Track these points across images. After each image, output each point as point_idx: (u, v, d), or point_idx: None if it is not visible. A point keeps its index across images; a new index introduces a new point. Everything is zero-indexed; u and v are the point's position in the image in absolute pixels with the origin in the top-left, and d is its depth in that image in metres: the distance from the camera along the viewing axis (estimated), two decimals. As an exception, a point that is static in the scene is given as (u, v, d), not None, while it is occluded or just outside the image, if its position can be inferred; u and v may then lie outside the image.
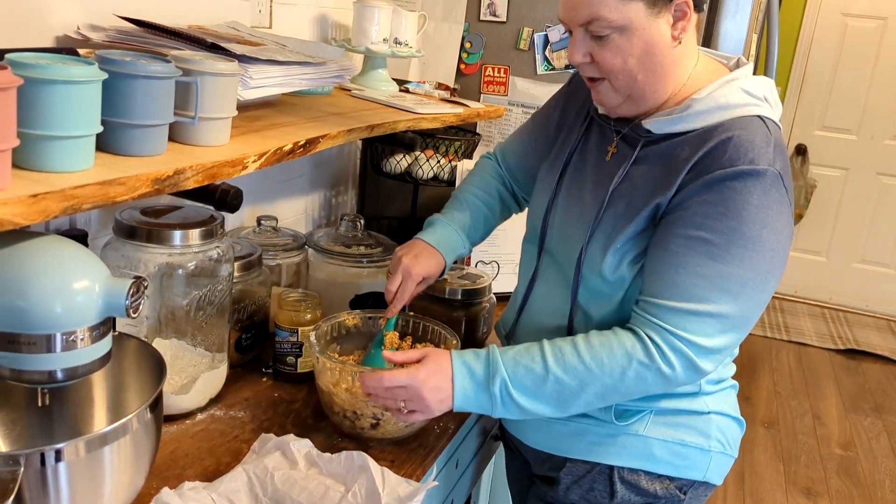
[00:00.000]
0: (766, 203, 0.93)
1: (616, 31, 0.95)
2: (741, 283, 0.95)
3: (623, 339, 0.99)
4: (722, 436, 1.11)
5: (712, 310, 0.95)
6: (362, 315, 1.32)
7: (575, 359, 0.98)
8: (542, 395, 0.99)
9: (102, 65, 0.81)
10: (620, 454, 1.09)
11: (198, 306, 1.13)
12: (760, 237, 0.93)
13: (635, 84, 0.99)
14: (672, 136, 1.01)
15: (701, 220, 0.94)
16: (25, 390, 0.88)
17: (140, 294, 0.80)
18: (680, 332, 0.96)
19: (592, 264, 1.05)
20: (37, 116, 0.72)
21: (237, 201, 1.04)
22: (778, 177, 0.94)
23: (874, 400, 3.52)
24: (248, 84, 1.07)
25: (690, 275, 0.95)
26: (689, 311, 0.96)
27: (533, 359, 1.00)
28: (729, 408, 1.14)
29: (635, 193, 1.02)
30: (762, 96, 1.00)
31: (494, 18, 1.89)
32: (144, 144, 0.86)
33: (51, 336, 0.76)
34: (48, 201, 0.69)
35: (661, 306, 0.97)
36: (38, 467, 0.73)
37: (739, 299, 0.95)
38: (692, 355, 0.96)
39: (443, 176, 1.85)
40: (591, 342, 0.99)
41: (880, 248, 4.45)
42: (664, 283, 0.97)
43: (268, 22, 1.57)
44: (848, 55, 4.29)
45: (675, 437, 1.08)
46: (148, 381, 0.92)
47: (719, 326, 0.96)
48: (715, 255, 0.94)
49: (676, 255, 0.96)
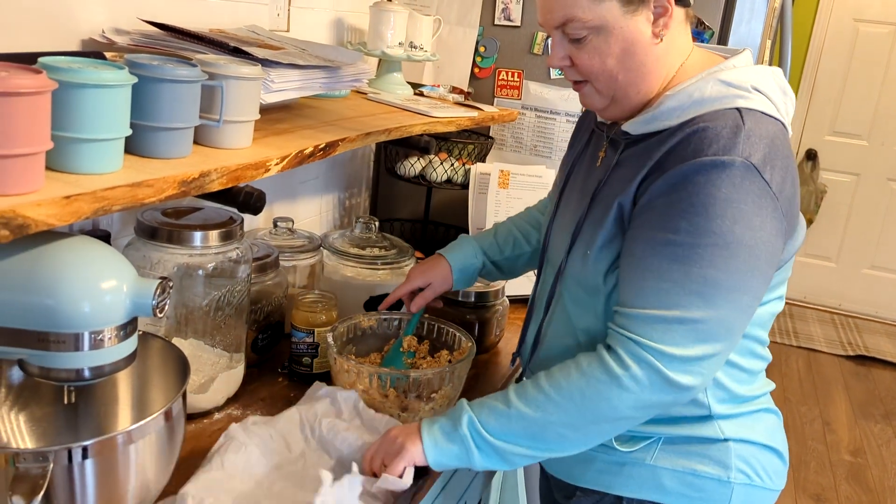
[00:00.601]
0: (737, 196, 0.85)
1: (592, 31, 0.92)
2: (713, 285, 0.87)
3: (581, 359, 0.94)
4: (747, 466, 1.01)
5: (681, 315, 0.87)
6: (378, 317, 1.34)
7: (534, 390, 0.94)
8: (511, 432, 0.94)
9: (131, 69, 0.82)
10: (628, 484, 1.02)
11: (216, 307, 1.14)
12: (732, 233, 0.86)
13: (617, 85, 0.95)
14: (649, 135, 0.96)
15: (665, 221, 0.88)
16: (52, 388, 0.90)
17: (166, 294, 0.81)
18: (645, 340, 0.89)
19: (571, 271, 1.03)
20: (69, 119, 0.74)
21: (260, 203, 1.05)
22: (751, 168, 0.86)
23: (884, 406, 3.51)
24: (270, 87, 1.09)
25: (656, 279, 0.89)
26: (655, 318, 0.88)
27: (496, 398, 0.97)
28: (758, 435, 1.03)
29: (609, 199, 0.97)
30: (748, 86, 0.92)
31: (509, 23, 1.90)
32: (171, 147, 0.87)
33: (79, 335, 0.77)
34: (80, 203, 0.70)
35: (628, 315, 0.91)
36: (65, 464, 0.74)
37: (713, 303, 0.87)
38: (659, 365, 0.88)
39: (456, 179, 1.86)
40: (551, 373, 0.95)
41: (891, 254, 4.43)
42: (630, 290, 0.92)
43: (286, 25, 1.58)
44: (859, 61, 4.28)
45: (687, 466, 1.00)
46: (171, 379, 0.93)
47: (693, 335, 0.88)
48: (681, 257, 0.87)
49: (642, 260, 0.90)
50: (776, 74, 0.97)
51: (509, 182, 1.81)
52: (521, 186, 1.82)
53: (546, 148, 1.94)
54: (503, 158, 1.99)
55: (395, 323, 1.35)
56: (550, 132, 1.93)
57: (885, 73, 4.24)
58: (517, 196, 1.82)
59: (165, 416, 0.82)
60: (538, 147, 1.95)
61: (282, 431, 1.04)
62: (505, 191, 1.81)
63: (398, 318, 1.35)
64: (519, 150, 1.98)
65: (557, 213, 1.13)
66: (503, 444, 0.94)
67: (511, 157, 1.98)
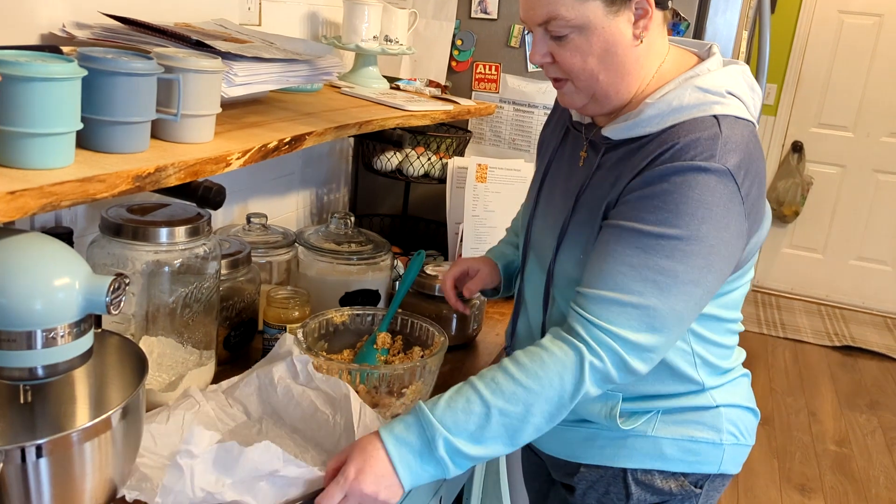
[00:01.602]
0: (710, 199, 0.89)
1: (575, 30, 0.93)
2: (670, 275, 0.90)
3: (550, 346, 0.94)
4: (734, 427, 1.10)
5: (636, 301, 0.90)
6: (350, 312, 1.33)
7: (511, 384, 0.92)
8: (489, 435, 0.91)
9: (83, 62, 0.81)
10: (632, 456, 1.08)
11: (184, 304, 1.13)
12: (698, 231, 0.89)
13: (597, 84, 0.97)
14: (629, 140, 0.99)
15: (636, 213, 0.91)
16: (7, 387, 0.88)
17: (121, 291, 0.80)
18: (604, 323, 0.91)
19: (562, 274, 1.04)
20: (16, 114, 0.72)
21: (220, 198, 1.04)
22: (726, 174, 0.90)
23: (869, 396, 3.52)
24: (233, 81, 1.07)
25: (618, 263, 0.91)
26: (612, 301, 0.91)
27: (468, 400, 0.91)
28: (740, 398, 1.12)
29: (594, 202, 1.00)
30: (723, 91, 0.96)
31: (485, 16, 1.90)
32: (126, 141, 0.86)
33: (31, 333, 0.76)
34: (26, 198, 0.69)
35: (587, 295, 0.93)
36: (18, 463, 0.74)
37: (667, 293, 0.91)
38: (620, 350, 0.91)
39: (434, 173, 1.85)
40: (520, 361, 0.93)
41: (877, 245, 4.45)
42: (592, 272, 0.94)
43: (257, 19, 1.57)
44: (844, 52, 4.29)
45: (685, 434, 1.07)
46: (130, 377, 0.92)
47: (646, 321, 0.91)
48: (645, 246, 0.90)
49: (607, 245, 0.93)
50: (745, 73, 1.01)
51: (487, 176, 1.80)
52: (499, 180, 1.81)
53: (524, 141, 1.94)
54: (482, 152, 1.98)
55: (369, 319, 1.34)
56: (528, 125, 1.92)
57: (870, 64, 4.24)
58: (495, 190, 1.81)
59: (122, 413, 0.81)
60: (516, 140, 1.95)
61: (239, 398, 1.07)
62: (483, 184, 1.80)
63: (371, 314, 1.34)
64: (497, 144, 1.97)
65: (538, 209, 1.14)
66: (478, 449, 0.91)
67: (489, 151, 1.97)
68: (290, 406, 1.06)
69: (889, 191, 4.37)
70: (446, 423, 0.90)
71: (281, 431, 1.06)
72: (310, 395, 1.08)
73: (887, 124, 4.29)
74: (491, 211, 1.80)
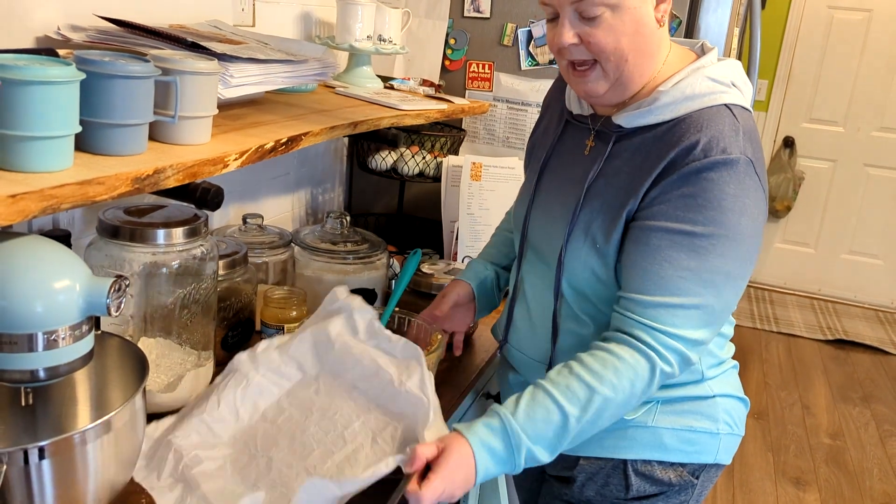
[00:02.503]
0: (742, 192, 0.93)
1: (609, 8, 0.94)
2: (724, 274, 0.95)
3: (620, 352, 0.96)
4: (729, 417, 1.12)
5: (698, 302, 0.95)
6: None
7: (586, 392, 0.94)
8: (564, 441, 0.95)
9: (80, 65, 0.81)
10: (632, 447, 1.09)
11: (182, 305, 1.13)
12: (740, 226, 0.94)
13: (626, 66, 0.98)
14: (643, 129, 1.01)
15: (682, 214, 0.94)
16: (8, 389, 0.89)
17: (121, 292, 0.80)
18: (669, 328, 0.95)
19: (573, 261, 1.05)
20: (14, 117, 0.73)
21: (218, 199, 1.05)
22: (750, 163, 0.94)
23: (863, 389, 3.55)
24: (229, 83, 1.08)
25: (675, 268, 0.95)
26: (675, 306, 0.95)
27: (548, 410, 0.94)
28: (732, 388, 1.15)
29: (609, 191, 1.02)
30: (729, 82, 1.00)
31: (478, 14, 1.90)
32: (124, 144, 0.86)
33: (32, 335, 0.76)
34: (27, 201, 0.69)
35: (647, 303, 0.96)
36: (21, 465, 0.74)
37: (722, 291, 0.96)
38: (684, 350, 0.96)
39: (429, 172, 1.85)
40: (591, 368, 0.95)
41: (868, 238, 4.48)
42: (648, 279, 0.96)
43: (251, 20, 1.57)
44: (834, 47, 4.31)
45: (684, 424, 1.09)
46: (131, 378, 0.92)
47: (704, 318, 0.96)
48: (699, 248, 0.94)
49: (659, 250, 0.95)
50: (740, 67, 1.05)
51: (482, 174, 1.81)
52: (493, 178, 1.82)
53: (518, 139, 1.94)
54: (476, 151, 1.98)
55: None
56: (522, 123, 1.93)
57: (860, 59, 4.27)
58: (490, 188, 1.82)
59: (124, 415, 0.81)
60: (510, 139, 1.95)
61: (294, 355, 1.03)
62: (478, 183, 1.81)
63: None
64: (492, 142, 1.98)
65: (536, 205, 1.14)
66: (550, 456, 0.95)
67: (484, 150, 1.98)
68: (349, 363, 1.01)
69: (880, 185, 4.40)
70: (529, 432, 0.93)
71: (340, 390, 1.01)
72: (371, 352, 1.03)
73: (877, 119, 4.31)
74: (486, 209, 1.81)
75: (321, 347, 1.03)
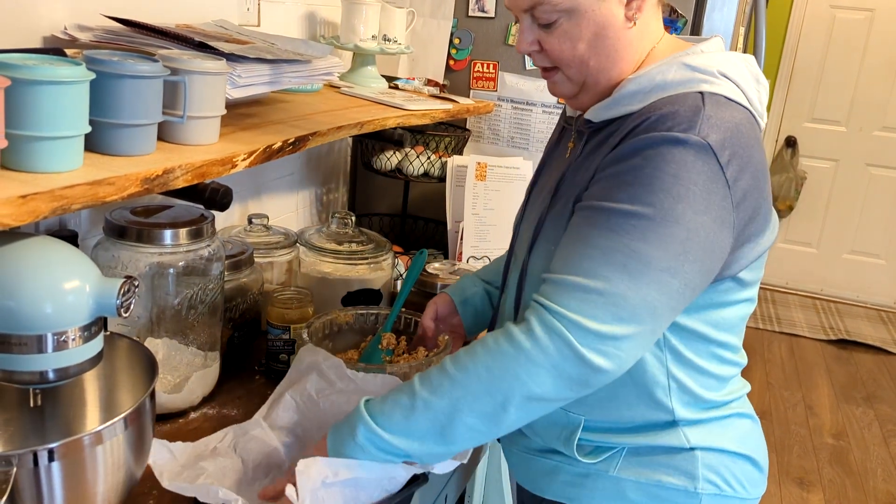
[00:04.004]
0: (686, 175, 0.80)
1: (563, 15, 0.87)
2: (643, 261, 0.80)
3: (487, 336, 0.86)
4: (716, 475, 0.95)
5: (602, 287, 0.81)
6: (354, 312, 1.33)
7: (439, 375, 0.85)
8: (416, 427, 0.84)
9: (90, 65, 0.81)
10: (593, 496, 0.97)
11: (189, 305, 1.13)
12: (672, 211, 0.80)
13: (588, 70, 0.91)
14: (611, 123, 0.92)
15: (607, 192, 0.83)
16: (18, 391, 0.88)
17: (131, 294, 0.80)
18: (559, 308, 0.81)
19: (535, 269, 0.97)
20: (24, 117, 0.72)
21: (227, 200, 1.04)
22: (707, 149, 0.81)
23: (865, 389, 3.55)
24: (237, 83, 1.07)
25: (586, 246, 0.83)
26: (573, 285, 0.82)
27: (400, 391, 0.87)
28: (728, 442, 0.96)
29: (570, 190, 0.93)
30: (713, 71, 0.87)
31: (483, 14, 1.90)
32: (133, 144, 0.86)
33: (42, 336, 0.76)
34: (37, 202, 0.69)
35: (549, 280, 0.85)
36: (31, 467, 0.73)
37: (639, 281, 0.80)
38: (570, 337, 0.80)
39: (433, 172, 1.85)
40: (457, 354, 0.86)
41: (870, 238, 4.47)
42: (558, 257, 0.86)
43: (256, 20, 1.57)
44: (836, 47, 4.31)
45: (651, 477, 0.95)
46: (140, 379, 0.92)
47: (613, 310, 0.80)
48: (615, 226, 0.81)
49: (575, 228, 0.86)
50: (749, 62, 0.93)
51: (486, 174, 1.81)
52: (498, 178, 1.82)
53: (523, 139, 1.94)
54: (480, 150, 1.98)
55: (373, 318, 1.34)
56: (527, 123, 1.93)
57: (862, 58, 4.27)
58: (495, 188, 1.81)
59: (133, 417, 0.81)
60: (515, 139, 1.95)
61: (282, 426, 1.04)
62: (482, 183, 1.81)
63: (375, 313, 1.34)
64: (496, 142, 1.97)
65: (526, 210, 1.10)
66: (408, 444, 0.85)
67: (488, 149, 1.97)
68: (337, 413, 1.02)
69: (882, 184, 4.40)
70: (373, 411, 0.86)
71: None
72: (353, 397, 1.04)
73: (880, 118, 4.31)
74: (491, 209, 1.81)
75: (306, 408, 1.06)
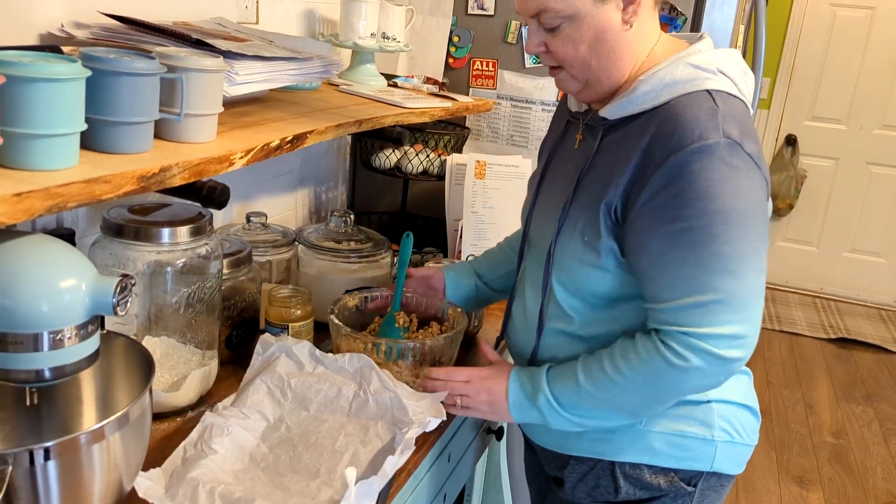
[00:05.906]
0: (731, 174, 0.91)
1: (565, 20, 0.97)
2: (737, 258, 0.92)
3: (639, 346, 0.98)
4: (728, 424, 1.08)
5: (716, 297, 0.93)
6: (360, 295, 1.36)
7: (599, 371, 1.01)
8: (582, 406, 1.02)
9: (86, 62, 0.80)
10: (620, 449, 1.07)
11: (187, 303, 1.12)
12: (736, 208, 0.91)
13: (590, 70, 1.01)
14: (627, 120, 1.00)
15: (675, 212, 0.93)
16: (14, 390, 0.88)
17: (127, 292, 0.80)
18: (692, 329, 0.94)
19: (563, 257, 1.05)
20: (20, 115, 0.72)
21: (224, 198, 1.04)
22: (734, 145, 0.92)
23: (865, 388, 3.54)
24: (235, 80, 1.07)
25: (684, 267, 0.93)
26: (692, 305, 0.93)
27: (567, 373, 1.04)
28: (735, 395, 1.10)
29: (595, 184, 1.01)
30: (714, 69, 0.97)
31: (482, 12, 1.89)
32: (130, 142, 0.86)
33: (38, 335, 0.75)
34: (32, 200, 0.69)
35: (665, 309, 0.96)
36: (27, 466, 0.73)
37: (742, 276, 0.93)
38: (713, 349, 0.94)
39: (432, 170, 1.85)
40: (613, 355, 1.01)
41: (871, 237, 4.47)
42: (661, 286, 0.96)
43: (254, 17, 1.56)
44: (836, 45, 4.30)
45: (674, 428, 1.06)
46: (137, 378, 0.92)
47: (731, 309, 0.93)
48: (700, 241, 0.92)
49: (661, 255, 0.94)
50: (736, 56, 1.03)
51: (486, 172, 1.80)
52: (497, 176, 1.81)
53: (522, 137, 1.94)
54: (480, 149, 1.98)
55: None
56: (526, 121, 1.92)
57: (863, 57, 4.26)
58: (494, 186, 1.81)
59: (130, 415, 0.80)
60: (514, 137, 1.95)
61: (254, 406, 1.06)
62: (482, 181, 1.80)
63: (378, 294, 1.36)
64: (495, 140, 1.97)
65: (539, 201, 1.15)
66: (575, 417, 1.03)
67: (488, 147, 1.97)
68: (311, 394, 1.06)
69: (882, 183, 4.39)
70: (551, 384, 1.04)
71: (311, 419, 1.05)
72: (327, 377, 1.09)
73: (880, 117, 4.31)
74: (490, 207, 1.80)
75: (277, 391, 1.08)
